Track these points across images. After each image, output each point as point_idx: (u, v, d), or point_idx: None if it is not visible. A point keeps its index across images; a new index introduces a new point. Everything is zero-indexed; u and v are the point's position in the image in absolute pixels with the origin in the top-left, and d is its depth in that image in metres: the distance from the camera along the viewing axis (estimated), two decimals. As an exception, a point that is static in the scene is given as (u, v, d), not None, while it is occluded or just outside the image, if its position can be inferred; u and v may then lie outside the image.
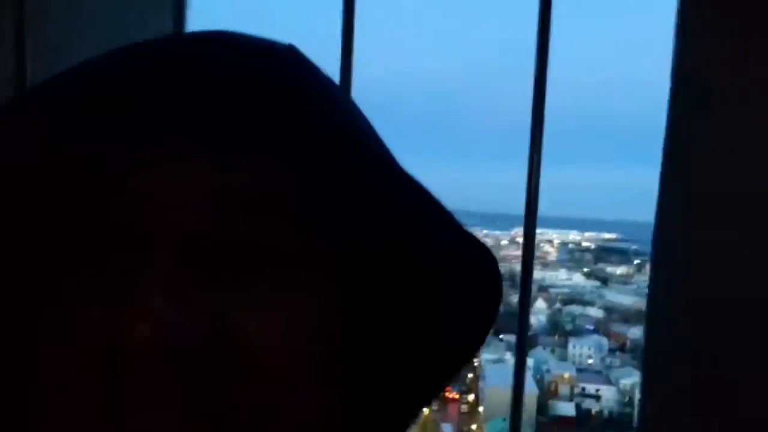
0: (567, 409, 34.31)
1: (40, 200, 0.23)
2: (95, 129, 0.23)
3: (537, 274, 62.43)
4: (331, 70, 0.34)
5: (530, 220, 1.08)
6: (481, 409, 38.18)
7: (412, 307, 0.31)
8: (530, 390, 35.16)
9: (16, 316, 0.23)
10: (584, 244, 71.37)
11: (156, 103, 0.24)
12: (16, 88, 0.90)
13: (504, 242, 68.27)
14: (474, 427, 39.30)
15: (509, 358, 43.03)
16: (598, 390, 41.01)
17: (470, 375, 37.47)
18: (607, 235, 76.62)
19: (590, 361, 44.57)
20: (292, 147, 0.25)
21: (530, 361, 42.69)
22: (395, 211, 0.30)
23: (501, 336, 49.41)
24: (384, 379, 0.30)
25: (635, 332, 44.64)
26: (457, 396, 39.12)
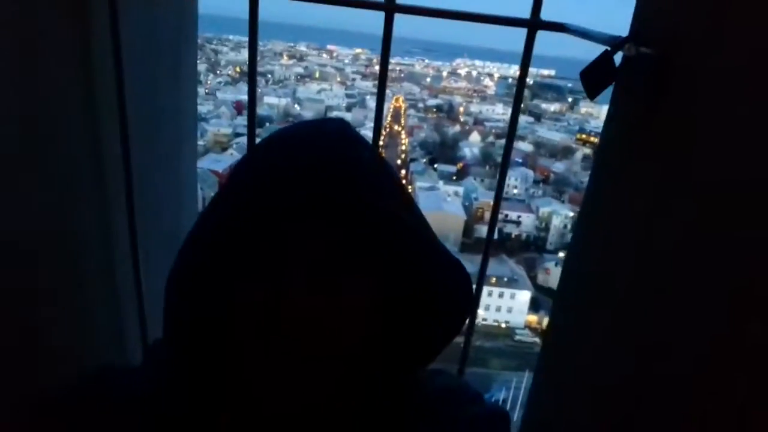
0: None
1: None
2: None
3: (474, 107, 63.51)
4: None
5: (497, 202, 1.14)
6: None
7: (423, 309, 0.53)
8: (458, 215, 40.55)
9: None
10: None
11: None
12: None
13: (444, 73, 74.80)
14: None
15: (441, 185, 38.99)
16: (519, 216, 40.30)
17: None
18: (545, 72, 79.50)
19: (515, 190, 46.42)
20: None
21: (460, 189, 41.06)
22: (418, 263, 0.51)
23: (435, 165, 34.51)
24: (404, 350, 0.54)
25: (559, 166, 48.85)
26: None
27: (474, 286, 0.58)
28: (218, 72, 62.30)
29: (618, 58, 0.75)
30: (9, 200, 0.89)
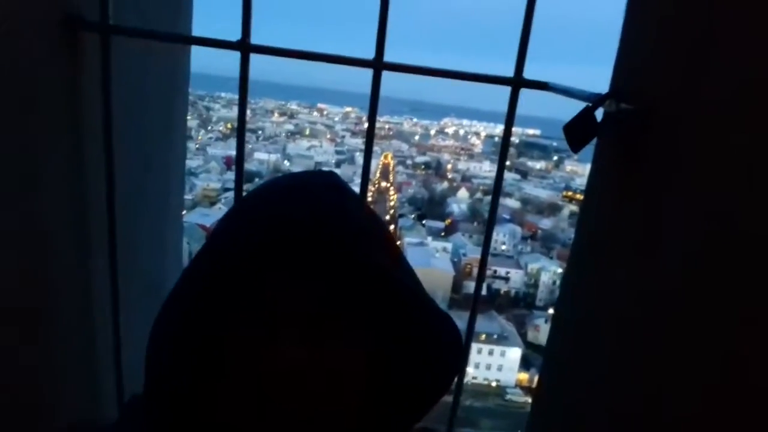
0: None
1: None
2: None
3: (462, 164, 65.07)
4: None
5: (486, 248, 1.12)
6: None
7: (411, 365, 0.50)
8: (447, 271, 40.55)
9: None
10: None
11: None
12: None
13: (432, 132, 79.11)
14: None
15: (429, 241, 38.49)
16: (507, 272, 40.26)
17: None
18: (530, 131, 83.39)
19: (504, 247, 46.77)
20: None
21: (449, 245, 40.58)
22: (406, 316, 0.50)
23: (424, 221, 33.57)
24: (391, 408, 0.51)
25: (546, 223, 49.40)
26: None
27: (463, 341, 0.56)
28: (209, 128, 63.34)
29: (600, 114, 0.77)
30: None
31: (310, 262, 0.47)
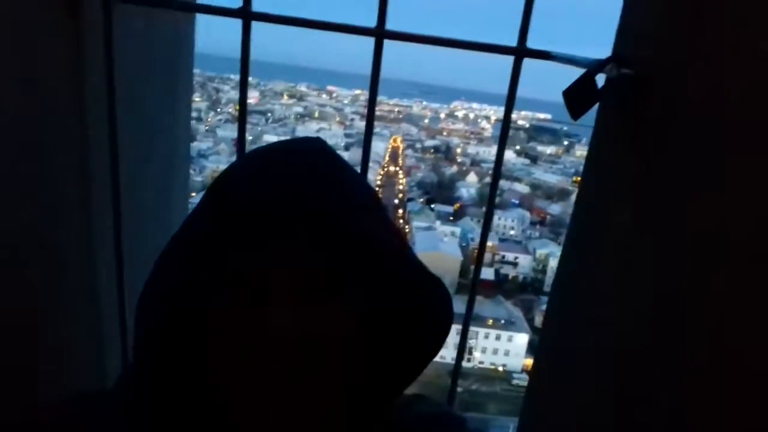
0: (487, 273, 38.59)
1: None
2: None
3: (471, 149, 65.03)
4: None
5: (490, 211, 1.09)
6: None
7: (400, 327, 0.52)
8: (455, 255, 40.54)
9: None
10: (519, 122, 72.85)
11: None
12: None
13: (442, 115, 76.97)
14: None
15: (438, 225, 38.68)
16: (516, 258, 41.08)
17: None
18: (541, 115, 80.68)
19: (512, 232, 46.98)
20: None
21: (457, 230, 40.67)
22: (396, 278, 0.50)
23: (432, 206, 33.93)
24: (381, 371, 0.52)
25: (555, 208, 48.81)
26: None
27: (461, 325, 0.56)
28: (218, 110, 63.25)
29: (602, 81, 0.76)
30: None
31: (298, 227, 0.47)
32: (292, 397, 0.48)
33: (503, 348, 36.23)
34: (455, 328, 1.10)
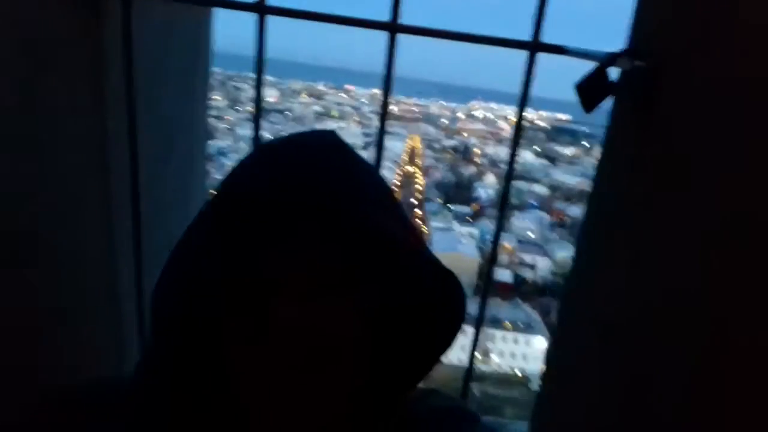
0: (505, 276, 37.99)
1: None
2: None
3: (490, 149, 64.09)
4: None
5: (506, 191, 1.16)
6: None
7: (412, 322, 0.50)
8: (472, 256, 40.25)
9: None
10: (539, 123, 72.07)
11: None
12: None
13: (460, 114, 76.50)
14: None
15: (456, 226, 38.48)
16: (533, 260, 39.60)
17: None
18: (560, 116, 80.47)
19: (531, 234, 45.73)
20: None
21: (475, 231, 40.49)
22: (409, 271, 0.49)
23: (450, 207, 33.84)
24: (393, 365, 0.51)
25: (575, 210, 47.18)
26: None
27: (474, 326, 0.56)
28: (238, 109, 63.84)
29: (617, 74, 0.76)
30: (11, 200, 0.91)
31: (310, 222, 0.47)
32: (303, 390, 0.48)
33: (521, 352, 35.84)
34: (469, 330, 1.10)
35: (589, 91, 0.71)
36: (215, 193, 0.53)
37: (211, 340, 0.49)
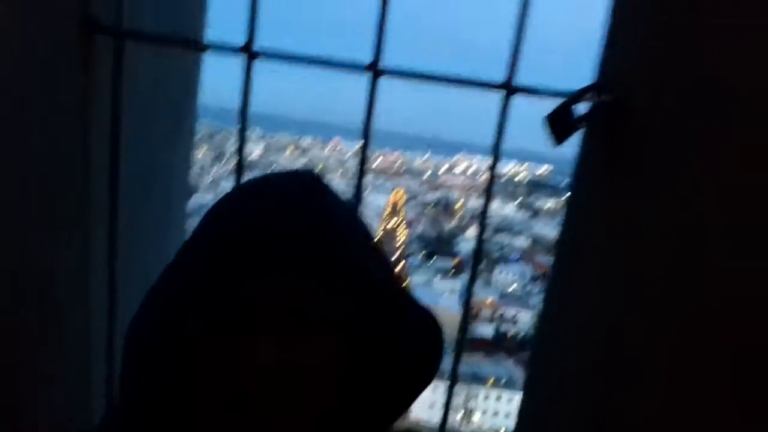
0: (486, 331, 38.84)
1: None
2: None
3: (472, 202, 63.79)
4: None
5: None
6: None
7: (389, 360, 0.51)
8: (453, 311, 39.91)
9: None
10: (520, 175, 75.11)
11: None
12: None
13: (443, 168, 77.90)
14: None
15: (438, 280, 37.69)
16: (515, 315, 40.05)
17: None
18: (541, 168, 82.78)
19: (513, 287, 46.49)
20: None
21: (457, 285, 39.63)
22: (386, 314, 0.50)
23: (432, 260, 32.68)
24: (370, 403, 0.51)
25: None
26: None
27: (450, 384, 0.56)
28: (223, 162, 64.20)
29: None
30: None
31: (286, 262, 0.47)
32: (278, 428, 0.48)
33: (504, 410, 35.10)
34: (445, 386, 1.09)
35: (558, 124, 0.74)
36: (193, 233, 0.53)
37: (185, 384, 0.48)
